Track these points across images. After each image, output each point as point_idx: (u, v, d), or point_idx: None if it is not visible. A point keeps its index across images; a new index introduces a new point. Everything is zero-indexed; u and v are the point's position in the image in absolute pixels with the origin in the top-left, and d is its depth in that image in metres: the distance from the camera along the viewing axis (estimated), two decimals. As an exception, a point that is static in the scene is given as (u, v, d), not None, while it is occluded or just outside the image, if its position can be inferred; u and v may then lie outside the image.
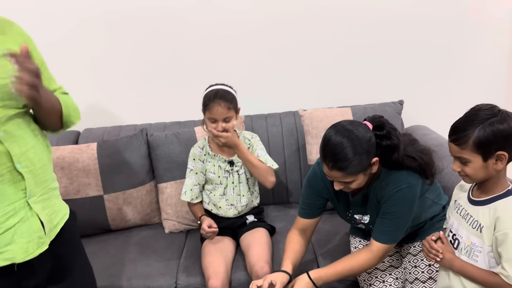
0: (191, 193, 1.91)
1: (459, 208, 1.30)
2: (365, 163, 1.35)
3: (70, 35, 2.30)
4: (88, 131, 2.29)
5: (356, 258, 1.49)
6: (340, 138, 1.33)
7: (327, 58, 2.39)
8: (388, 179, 1.45)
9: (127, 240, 2.01)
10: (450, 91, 2.43)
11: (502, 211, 1.16)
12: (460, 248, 1.27)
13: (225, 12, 2.30)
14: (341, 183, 1.40)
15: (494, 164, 1.17)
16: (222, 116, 1.76)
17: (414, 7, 2.33)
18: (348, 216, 1.62)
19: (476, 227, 1.21)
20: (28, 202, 1.15)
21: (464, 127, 1.17)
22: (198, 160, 1.91)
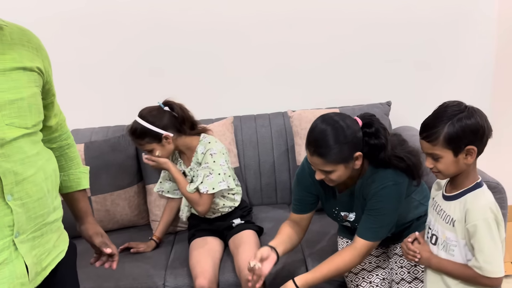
0: (160, 186, 2.00)
1: (435, 205, 1.33)
2: (346, 154, 1.37)
3: (57, 34, 2.29)
4: (76, 131, 2.27)
5: (341, 257, 1.49)
6: (325, 126, 1.37)
7: (316, 60, 2.40)
8: (374, 176, 1.47)
9: (115, 241, 1.94)
10: (438, 92, 2.45)
11: (471, 203, 1.20)
12: (438, 243, 1.29)
13: (213, 14, 2.30)
14: (321, 172, 1.42)
15: (464, 159, 1.19)
16: (143, 149, 1.85)
17: (402, 9, 2.35)
18: (334, 213, 1.63)
19: (449, 222, 1.24)
20: (14, 241, 0.95)
21: (434, 124, 1.20)
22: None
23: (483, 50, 2.44)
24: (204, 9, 2.30)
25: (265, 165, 2.21)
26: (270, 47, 2.37)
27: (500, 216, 1.20)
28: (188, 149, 1.89)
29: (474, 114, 1.18)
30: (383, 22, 2.36)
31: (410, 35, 2.39)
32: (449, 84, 2.48)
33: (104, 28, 2.30)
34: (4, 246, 0.93)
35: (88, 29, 2.30)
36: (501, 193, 1.65)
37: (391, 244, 1.67)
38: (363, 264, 1.62)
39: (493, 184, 1.64)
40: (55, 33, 2.29)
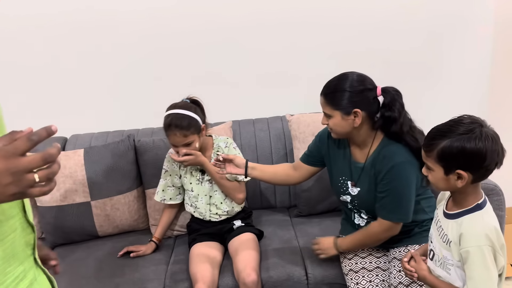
0: (163, 194, 1.93)
1: (436, 219, 1.28)
2: (344, 102, 1.48)
3: (56, 39, 2.30)
4: (75, 137, 2.28)
5: (366, 229, 1.62)
6: (339, 75, 1.54)
7: (314, 64, 2.41)
8: (385, 151, 1.53)
9: (115, 246, 2.00)
10: (433, 97, 2.47)
11: (466, 227, 1.13)
12: (435, 259, 1.26)
13: (211, 19, 2.32)
14: (325, 116, 1.56)
15: (455, 181, 1.13)
16: (180, 144, 1.75)
17: (398, 13, 2.36)
18: (341, 181, 1.67)
19: (446, 241, 1.19)
20: (35, 258, 0.91)
21: (435, 135, 1.15)
22: (173, 163, 1.91)
23: (479, 54, 2.46)
24: (202, 14, 2.31)
25: (264, 169, 2.22)
26: (268, 52, 2.39)
27: (500, 242, 1.12)
28: (203, 147, 1.89)
29: (480, 139, 1.08)
30: (377, 28, 2.38)
31: (404, 39, 2.40)
32: (446, 88, 2.49)
33: (103, 33, 2.31)
34: (29, 266, 0.88)
35: (87, 34, 2.31)
36: (498, 195, 1.66)
37: (391, 248, 1.69)
38: (363, 263, 1.64)
39: (490, 186, 1.65)
40: (54, 39, 2.30)
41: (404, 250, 1.64)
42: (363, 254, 1.68)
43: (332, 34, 2.38)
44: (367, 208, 1.65)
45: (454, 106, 2.47)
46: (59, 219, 2.00)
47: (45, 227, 2.04)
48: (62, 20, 2.28)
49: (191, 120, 1.76)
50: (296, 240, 1.95)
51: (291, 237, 1.97)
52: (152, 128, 2.33)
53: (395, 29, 2.39)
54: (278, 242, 1.93)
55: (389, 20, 2.38)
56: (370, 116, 1.52)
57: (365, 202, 1.63)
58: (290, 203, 2.27)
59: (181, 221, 2.07)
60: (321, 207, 2.12)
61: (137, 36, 2.32)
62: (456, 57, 2.46)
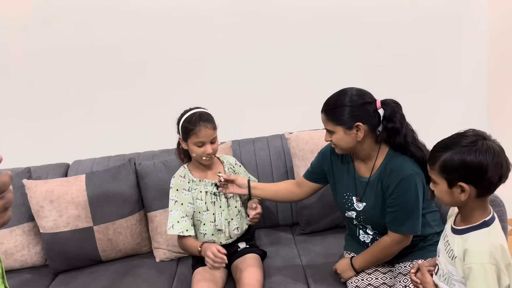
0: (179, 226, 1.77)
1: (445, 233, 1.28)
2: (346, 117, 1.50)
3: (56, 67, 2.35)
4: (78, 162, 2.31)
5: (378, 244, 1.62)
6: (338, 91, 1.57)
7: (312, 81, 2.44)
8: (392, 164, 1.54)
9: (118, 270, 2.00)
10: (433, 109, 2.47)
11: (471, 244, 1.12)
12: (439, 274, 1.25)
13: (208, 38, 2.35)
14: (327, 133, 1.58)
15: (459, 194, 1.13)
16: (210, 138, 1.74)
17: (394, 27, 2.40)
18: (345, 197, 1.67)
19: (451, 257, 1.19)
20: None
21: (438, 148, 1.16)
22: (183, 190, 1.82)
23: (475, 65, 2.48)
24: (198, 37, 2.35)
25: (265, 188, 2.22)
26: (266, 71, 2.42)
27: (506, 261, 1.10)
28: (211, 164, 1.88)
29: (481, 152, 1.08)
30: (378, 41, 2.42)
31: (404, 53, 2.43)
32: (446, 100, 2.50)
33: (101, 59, 2.35)
34: None
35: (86, 60, 2.35)
36: (499, 206, 1.65)
37: (396, 263, 1.68)
38: (369, 279, 1.63)
39: (491, 198, 1.63)
40: (54, 67, 2.35)
41: (409, 265, 1.62)
42: (369, 270, 1.67)
43: (328, 50, 2.41)
44: (373, 223, 1.64)
45: (454, 117, 2.50)
46: (62, 245, 2.00)
47: (48, 254, 2.04)
48: (61, 49, 2.32)
49: (212, 116, 1.81)
50: (299, 258, 1.94)
51: (294, 255, 1.96)
52: (153, 151, 2.35)
53: (391, 44, 2.42)
54: (281, 261, 1.92)
55: (385, 35, 2.41)
56: (372, 129, 1.53)
57: (371, 217, 1.63)
58: (293, 221, 2.26)
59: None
60: (323, 224, 2.11)
61: (135, 61, 2.36)
62: (453, 69, 2.48)
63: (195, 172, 1.86)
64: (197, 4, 2.31)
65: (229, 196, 1.87)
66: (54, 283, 1.99)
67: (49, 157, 2.34)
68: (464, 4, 2.39)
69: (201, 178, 1.84)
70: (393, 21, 2.39)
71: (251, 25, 2.36)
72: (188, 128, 1.73)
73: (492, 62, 2.47)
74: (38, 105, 2.40)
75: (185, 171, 1.86)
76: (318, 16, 2.36)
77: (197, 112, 1.77)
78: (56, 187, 2.02)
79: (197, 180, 1.84)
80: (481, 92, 2.52)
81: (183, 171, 1.87)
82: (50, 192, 2.01)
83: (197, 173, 1.86)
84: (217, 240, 1.86)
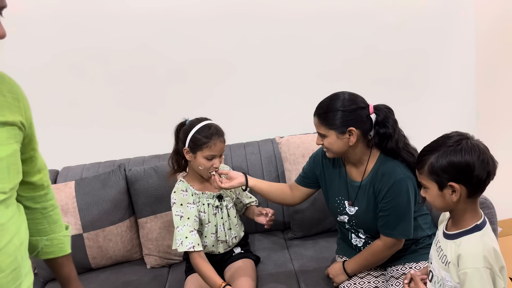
0: (189, 241, 1.65)
1: (437, 239, 1.28)
2: (339, 121, 1.50)
3: (46, 71, 2.32)
4: (67, 169, 2.28)
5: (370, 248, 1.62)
6: (331, 95, 1.57)
7: (301, 85, 2.44)
8: (384, 168, 1.55)
9: (109, 277, 1.98)
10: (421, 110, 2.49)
11: (464, 249, 1.12)
12: (434, 281, 1.25)
13: (198, 43, 2.34)
14: (319, 136, 1.58)
15: (450, 195, 1.13)
16: (221, 152, 1.72)
17: (384, 32, 2.41)
18: (337, 202, 1.67)
19: (445, 262, 1.19)
20: None
21: (425, 152, 1.17)
22: (187, 204, 1.74)
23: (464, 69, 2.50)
24: (189, 40, 2.34)
25: (256, 193, 2.22)
26: (257, 75, 2.41)
27: (499, 264, 1.11)
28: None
29: (466, 150, 1.10)
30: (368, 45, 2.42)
31: (394, 55, 2.44)
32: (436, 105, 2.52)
33: (92, 66, 2.33)
34: None
35: (76, 67, 2.33)
36: (489, 208, 1.66)
37: (388, 267, 1.68)
38: (362, 283, 1.63)
39: (481, 200, 1.64)
40: (44, 71, 2.32)
41: (401, 268, 1.63)
42: (361, 274, 1.67)
43: (319, 55, 2.41)
44: (365, 227, 1.65)
45: (443, 120, 2.52)
46: (51, 253, 1.97)
47: (37, 262, 2.01)
48: (50, 54, 2.30)
49: None
50: (291, 263, 1.94)
51: (286, 260, 1.95)
52: (144, 156, 2.33)
53: (381, 49, 2.43)
54: (273, 265, 1.92)
55: (375, 40, 2.42)
56: (364, 134, 1.54)
57: (363, 221, 1.63)
58: (285, 225, 2.26)
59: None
60: (315, 228, 2.11)
61: (126, 67, 2.34)
62: (442, 71, 2.50)
63: (194, 185, 1.80)
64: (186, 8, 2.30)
65: (230, 206, 1.84)
66: (43, 292, 1.96)
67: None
68: (452, 6, 2.41)
69: (202, 191, 1.79)
70: (382, 24, 2.41)
71: (240, 29, 2.35)
72: (202, 141, 1.67)
73: (480, 64, 2.49)
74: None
75: (185, 184, 1.78)
76: (308, 19, 2.36)
77: (213, 124, 1.72)
78: (45, 194, 2.00)
79: (199, 193, 1.78)
80: (470, 94, 2.54)
81: (183, 184, 1.78)
82: (39, 199, 1.98)
83: (196, 185, 1.80)
84: (215, 250, 1.85)
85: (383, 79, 2.46)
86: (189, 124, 1.73)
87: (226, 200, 1.83)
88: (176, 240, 1.67)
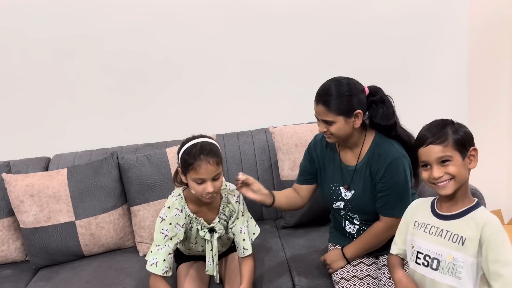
0: (164, 265, 1.53)
1: (427, 227, 1.28)
2: (346, 107, 1.52)
3: (37, 59, 2.30)
4: (59, 156, 2.27)
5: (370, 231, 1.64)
6: (331, 81, 1.57)
7: (296, 75, 2.44)
8: (379, 148, 1.58)
9: (101, 265, 1.98)
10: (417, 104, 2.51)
11: (487, 219, 1.19)
12: (441, 267, 1.23)
13: (191, 33, 2.33)
14: (323, 123, 1.56)
15: (469, 163, 1.22)
16: (211, 175, 1.48)
17: (377, 24, 2.42)
18: (332, 188, 1.69)
19: (457, 241, 1.20)
20: None
21: (434, 130, 1.23)
22: (176, 225, 1.57)
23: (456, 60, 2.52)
24: (185, 30, 2.33)
25: (249, 182, 2.22)
26: (250, 65, 2.41)
27: None
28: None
29: (461, 125, 1.24)
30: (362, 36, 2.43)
31: (384, 49, 2.45)
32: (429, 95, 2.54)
33: (85, 53, 2.31)
34: None
35: (69, 55, 2.31)
36: (479, 198, 1.69)
37: (381, 255, 1.70)
38: (355, 271, 1.65)
39: (471, 191, 1.66)
40: (35, 58, 2.30)
41: None
42: (354, 262, 1.69)
43: (312, 46, 2.42)
44: (361, 211, 1.67)
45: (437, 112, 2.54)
46: (43, 241, 1.97)
47: (28, 249, 2.01)
48: (43, 40, 2.28)
49: (219, 148, 1.55)
50: (283, 251, 1.95)
51: (278, 248, 1.97)
52: (137, 144, 2.33)
53: (374, 40, 2.44)
54: (265, 253, 1.93)
55: (369, 32, 2.43)
56: (363, 115, 1.58)
57: (359, 204, 1.65)
58: (277, 215, 2.27)
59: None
60: (307, 218, 2.12)
61: (118, 54, 2.33)
62: (435, 64, 2.52)
63: (190, 205, 1.61)
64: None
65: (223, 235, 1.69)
66: (35, 278, 1.95)
67: (29, 151, 2.30)
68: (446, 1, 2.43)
69: (196, 215, 1.62)
70: (378, 18, 2.41)
71: (235, 21, 2.35)
72: (188, 162, 1.47)
73: (473, 57, 2.52)
74: (18, 98, 2.35)
75: (182, 203, 1.60)
76: (302, 12, 2.37)
77: (199, 143, 1.50)
78: (37, 181, 1.99)
79: (193, 216, 1.61)
80: (462, 86, 2.56)
81: (180, 203, 1.60)
82: (31, 186, 1.97)
83: (192, 206, 1.61)
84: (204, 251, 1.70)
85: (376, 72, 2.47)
86: (185, 141, 1.55)
87: (218, 233, 1.65)
88: (151, 258, 1.54)
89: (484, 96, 2.57)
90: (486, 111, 2.58)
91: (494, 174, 2.51)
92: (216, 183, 1.50)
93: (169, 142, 2.28)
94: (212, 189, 1.48)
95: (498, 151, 2.52)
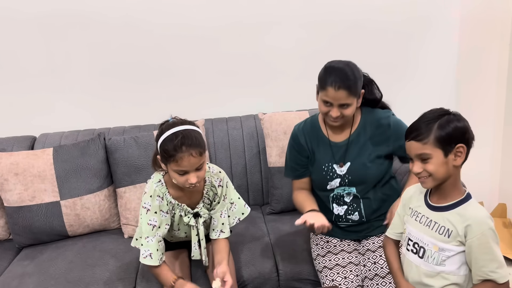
0: (158, 254, 1.50)
1: (418, 215, 1.30)
2: (359, 89, 1.60)
3: (24, 36, 2.25)
4: (45, 136, 2.24)
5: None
6: (342, 65, 1.58)
7: (286, 63, 2.44)
8: (371, 118, 1.69)
9: (86, 245, 1.98)
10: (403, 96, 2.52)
11: (474, 214, 1.19)
12: (426, 255, 1.26)
13: (181, 17, 2.31)
14: (339, 108, 1.57)
15: (453, 160, 1.19)
16: (194, 167, 1.40)
17: (368, 15, 2.41)
18: (324, 170, 1.70)
19: (443, 233, 1.22)
20: None
21: (422, 125, 1.21)
22: (161, 212, 1.53)
23: (446, 53, 2.54)
24: (175, 14, 2.30)
25: (237, 167, 2.23)
26: (240, 51, 2.40)
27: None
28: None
29: (459, 118, 1.21)
30: (351, 27, 2.42)
31: (374, 40, 2.46)
32: (416, 88, 2.56)
33: (74, 32, 2.28)
34: None
35: (58, 33, 2.27)
36: (464, 190, 1.71)
37: (364, 240, 1.73)
38: (337, 260, 1.66)
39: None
40: (22, 36, 2.25)
41: (377, 241, 1.68)
42: (335, 250, 1.71)
43: (302, 34, 2.41)
44: (359, 179, 1.68)
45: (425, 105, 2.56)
46: (27, 220, 1.96)
47: (12, 228, 1.99)
48: (31, 17, 2.23)
49: (202, 135, 1.46)
50: (268, 236, 1.97)
51: (263, 234, 1.99)
52: (124, 126, 2.31)
53: (364, 31, 2.44)
54: (250, 239, 1.94)
55: (358, 22, 2.42)
56: None
57: (357, 174, 1.67)
58: (263, 201, 2.29)
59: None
60: (293, 204, 2.13)
61: (108, 35, 2.29)
62: (424, 57, 2.53)
63: (172, 190, 1.56)
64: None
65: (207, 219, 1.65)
66: (19, 257, 1.95)
67: (14, 130, 2.27)
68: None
69: (178, 201, 1.57)
70: (369, 6, 2.41)
71: (226, 5, 2.32)
72: (169, 153, 1.38)
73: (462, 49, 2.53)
74: (4, 74, 2.30)
75: (162, 189, 1.54)
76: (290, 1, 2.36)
77: (180, 132, 1.39)
78: (22, 160, 1.97)
79: (174, 202, 1.56)
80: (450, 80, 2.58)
81: (161, 189, 1.54)
82: (15, 165, 1.95)
83: (174, 192, 1.56)
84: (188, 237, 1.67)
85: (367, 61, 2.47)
86: (165, 127, 1.44)
87: (203, 217, 1.61)
88: (143, 251, 1.50)
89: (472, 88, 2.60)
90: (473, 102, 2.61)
91: (477, 166, 2.54)
92: (200, 173, 1.43)
93: (156, 125, 2.25)
94: (195, 180, 1.41)
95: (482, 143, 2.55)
